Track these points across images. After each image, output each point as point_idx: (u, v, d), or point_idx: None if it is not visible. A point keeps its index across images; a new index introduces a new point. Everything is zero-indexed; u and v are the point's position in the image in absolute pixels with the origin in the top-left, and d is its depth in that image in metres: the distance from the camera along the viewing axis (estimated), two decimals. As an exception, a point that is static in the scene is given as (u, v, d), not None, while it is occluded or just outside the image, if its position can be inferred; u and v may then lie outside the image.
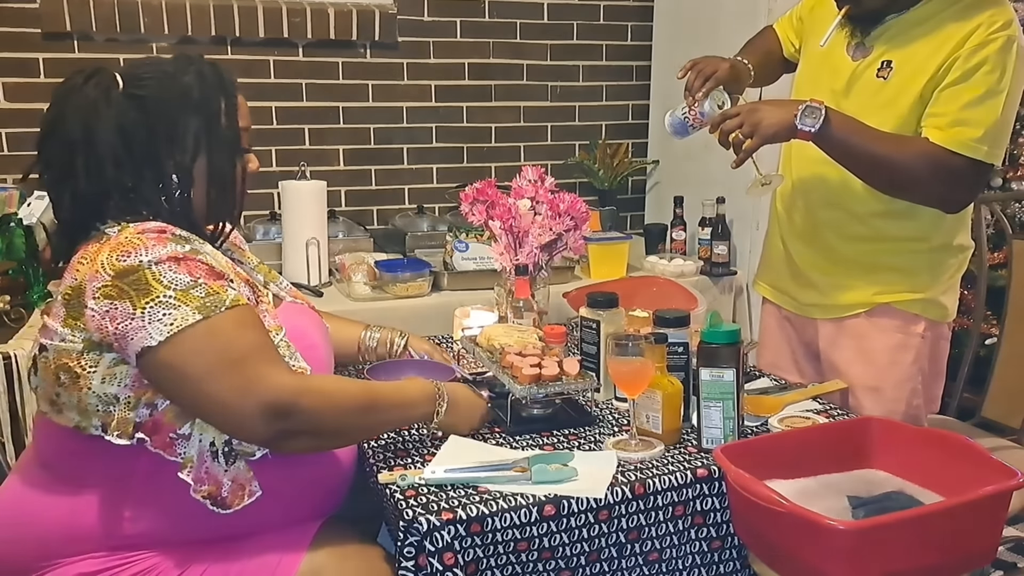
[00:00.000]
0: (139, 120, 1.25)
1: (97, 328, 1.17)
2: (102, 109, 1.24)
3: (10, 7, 2.64)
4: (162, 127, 1.26)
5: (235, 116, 1.32)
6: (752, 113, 1.61)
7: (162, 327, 1.14)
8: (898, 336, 1.77)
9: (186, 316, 1.14)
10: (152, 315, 1.14)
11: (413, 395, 1.39)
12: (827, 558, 1.15)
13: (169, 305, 1.14)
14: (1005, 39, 1.57)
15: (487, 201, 1.94)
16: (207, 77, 1.30)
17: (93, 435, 1.20)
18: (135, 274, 1.15)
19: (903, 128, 1.66)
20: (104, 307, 1.15)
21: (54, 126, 1.26)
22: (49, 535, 1.24)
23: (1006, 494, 1.22)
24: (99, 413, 1.20)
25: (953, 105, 1.59)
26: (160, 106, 1.26)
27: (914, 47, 1.64)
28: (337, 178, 3.00)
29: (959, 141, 1.59)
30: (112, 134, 1.23)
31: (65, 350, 1.20)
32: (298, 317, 1.44)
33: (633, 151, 3.37)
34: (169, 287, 1.15)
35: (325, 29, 2.90)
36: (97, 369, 1.19)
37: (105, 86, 1.26)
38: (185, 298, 1.15)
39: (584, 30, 3.31)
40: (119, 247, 1.17)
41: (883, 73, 1.67)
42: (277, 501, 1.28)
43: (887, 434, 1.42)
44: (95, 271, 1.17)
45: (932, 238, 1.74)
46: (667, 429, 1.47)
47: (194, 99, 1.28)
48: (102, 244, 1.21)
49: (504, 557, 1.26)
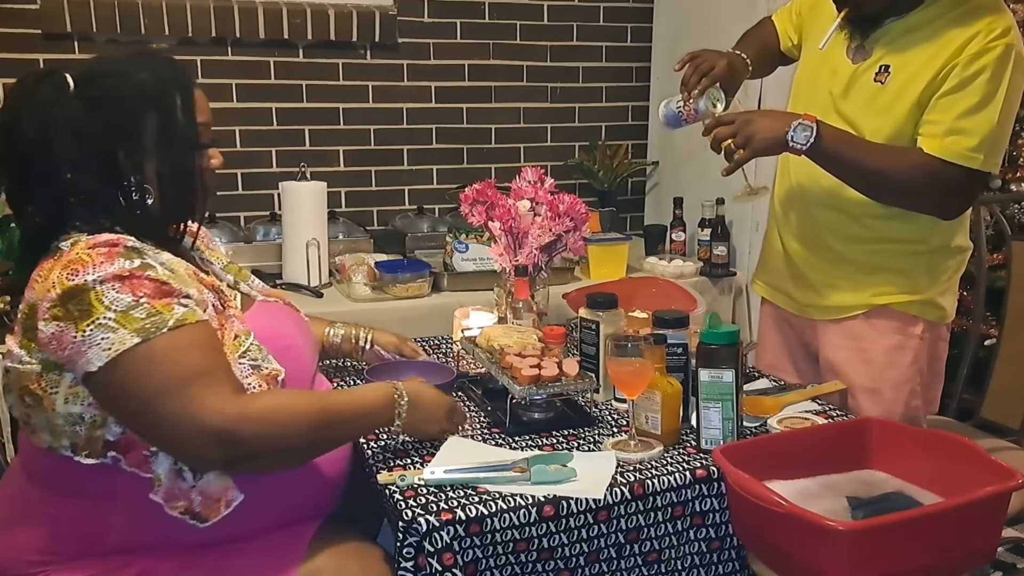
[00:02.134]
0: (94, 120, 1.21)
1: (49, 350, 1.15)
2: (55, 112, 1.20)
3: (10, 7, 2.64)
4: (117, 126, 1.22)
5: (192, 111, 1.27)
6: (746, 125, 1.61)
7: (100, 352, 1.10)
8: (896, 337, 1.77)
9: (124, 339, 1.10)
10: (92, 339, 1.10)
11: (369, 401, 1.32)
12: (826, 559, 1.16)
13: (108, 328, 1.10)
14: (1003, 47, 1.56)
15: (487, 202, 1.94)
16: (162, 73, 1.26)
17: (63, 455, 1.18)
18: (80, 294, 1.12)
19: (900, 133, 1.66)
20: (52, 329, 1.13)
21: (7, 132, 1.22)
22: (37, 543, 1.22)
23: (1005, 495, 1.22)
24: (67, 433, 1.18)
25: (950, 113, 1.59)
26: (114, 105, 1.22)
27: (912, 52, 1.64)
28: (337, 179, 3.00)
29: (954, 151, 1.60)
30: (67, 136, 1.19)
31: (25, 373, 1.18)
32: (271, 317, 1.40)
33: (633, 152, 3.38)
34: (110, 308, 1.11)
35: (325, 30, 2.90)
36: (59, 390, 1.17)
37: (58, 87, 1.22)
38: (125, 320, 1.11)
39: (584, 31, 3.31)
40: (69, 265, 1.14)
41: (880, 77, 1.67)
42: (269, 504, 1.27)
43: (886, 435, 1.42)
44: (47, 290, 1.14)
45: (930, 239, 1.74)
46: (666, 430, 1.47)
47: (149, 96, 1.24)
48: (56, 260, 1.17)
49: (503, 558, 1.26)
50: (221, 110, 2.85)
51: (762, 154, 1.65)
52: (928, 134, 1.62)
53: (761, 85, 2.75)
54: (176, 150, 1.26)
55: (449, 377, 1.67)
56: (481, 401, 1.67)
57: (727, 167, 1.65)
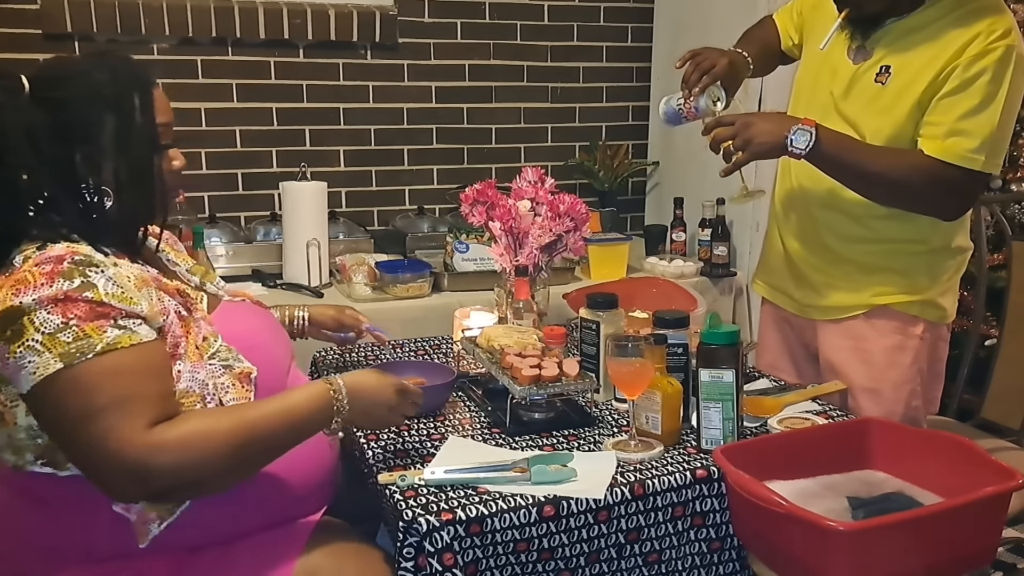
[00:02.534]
0: (49, 123, 1.18)
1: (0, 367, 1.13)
2: (8, 115, 1.17)
3: (10, 8, 2.64)
4: (74, 128, 1.19)
5: (151, 111, 1.24)
6: (746, 127, 1.62)
7: (28, 375, 1.09)
8: (897, 338, 1.77)
9: (48, 364, 1.08)
10: (20, 361, 1.08)
11: (301, 405, 1.23)
12: (827, 559, 1.16)
13: (35, 351, 1.08)
14: (1004, 49, 1.56)
15: (487, 202, 1.95)
16: (120, 73, 1.24)
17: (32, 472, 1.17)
18: (16, 316, 1.09)
19: (900, 134, 1.66)
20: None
21: None
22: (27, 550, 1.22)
23: (1005, 495, 1.22)
24: (30, 447, 1.17)
25: (950, 115, 1.59)
26: (70, 106, 1.20)
27: (913, 53, 1.64)
28: (338, 179, 3.00)
29: (955, 153, 1.60)
30: (21, 141, 1.17)
31: None
32: (237, 318, 1.38)
33: (633, 152, 3.38)
34: (39, 330, 1.08)
35: (326, 30, 2.91)
36: (19, 403, 1.15)
37: (11, 89, 1.19)
38: (51, 343, 1.08)
39: (584, 31, 3.31)
40: (15, 284, 1.11)
41: (881, 78, 1.67)
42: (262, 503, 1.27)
43: (887, 435, 1.42)
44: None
45: (930, 240, 1.74)
46: (666, 430, 1.47)
47: (106, 96, 1.21)
48: (7, 277, 1.13)
49: (504, 558, 1.26)
50: (221, 110, 2.85)
51: (761, 157, 1.66)
52: (928, 135, 1.62)
53: (762, 85, 2.75)
54: (134, 151, 1.22)
55: (449, 377, 1.67)
56: (481, 401, 1.67)
57: (725, 168, 1.66)
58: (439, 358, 1.94)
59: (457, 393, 1.72)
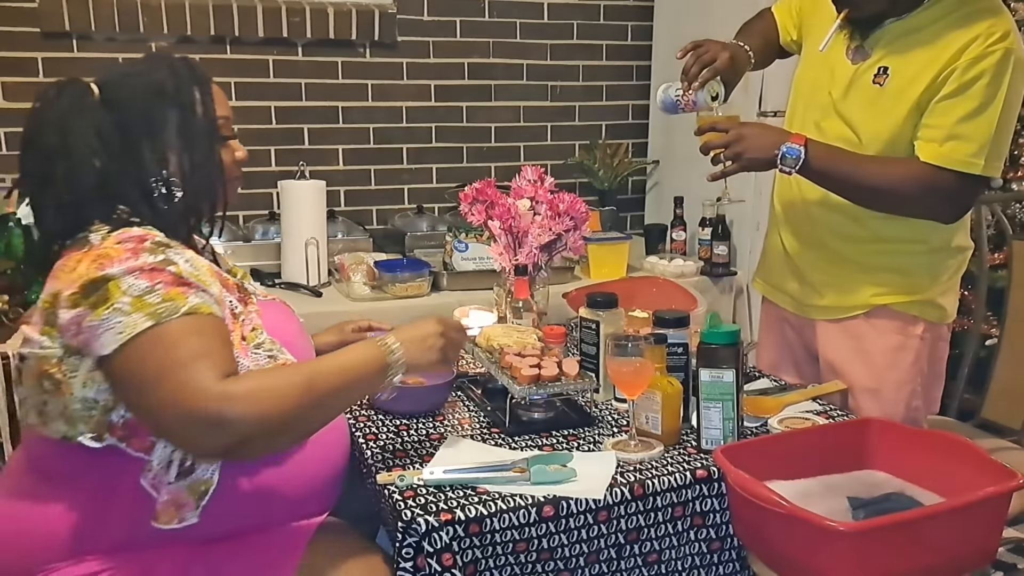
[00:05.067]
0: (115, 122, 1.25)
1: (68, 336, 1.17)
2: (77, 116, 1.24)
3: (9, 6, 2.63)
4: (139, 125, 1.26)
5: (211, 105, 1.31)
6: (738, 140, 1.64)
7: (114, 335, 1.12)
8: (897, 338, 1.77)
9: (136, 323, 1.12)
10: (107, 323, 1.13)
11: (358, 358, 1.27)
12: (827, 559, 1.15)
13: (123, 312, 1.13)
14: (1003, 51, 1.56)
15: (487, 201, 1.94)
16: (179, 71, 1.31)
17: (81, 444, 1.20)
18: (101, 283, 1.15)
19: (898, 136, 1.65)
20: (71, 316, 1.16)
21: (31, 138, 1.26)
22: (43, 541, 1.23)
23: (1006, 495, 1.22)
24: (83, 419, 1.20)
25: (948, 118, 1.59)
26: (135, 105, 1.27)
27: (912, 54, 1.63)
28: (336, 178, 3.00)
29: (954, 158, 1.59)
30: (90, 139, 1.24)
31: (45, 357, 1.20)
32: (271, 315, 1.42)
33: (633, 151, 3.37)
34: (126, 293, 1.14)
35: (324, 29, 2.90)
36: (78, 374, 1.19)
37: (79, 95, 1.27)
38: (139, 304, 1.13)
39: (584, 30, 3.31)
40: (97, 258, 1.17)
41: (879, 79, 1.66)
42: (268, 501, 1.28)
43: (887, 435, 1.42)
44: (71, 280, 1.17)
45: (930, 239, 1.74)
46: (666, 430, 1.47)
47: (168, 93, 1.28)
48: (84, 253, 1.20)
49: (503, 558, 1.26)
50: (220, 109, 2.85)
51: (750, 170, 1.69)
52: (926, 138, 1.62)
53: (762, 83, 2.75)
54: (197, 143, 1.29)
55: (448, 377, 1.67)
56: (481, 401, 1.67)
57: (712, 173, 1.70)
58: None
59: (456, 393, 1.71)
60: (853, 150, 1.68)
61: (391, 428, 1.55)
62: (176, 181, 1.28)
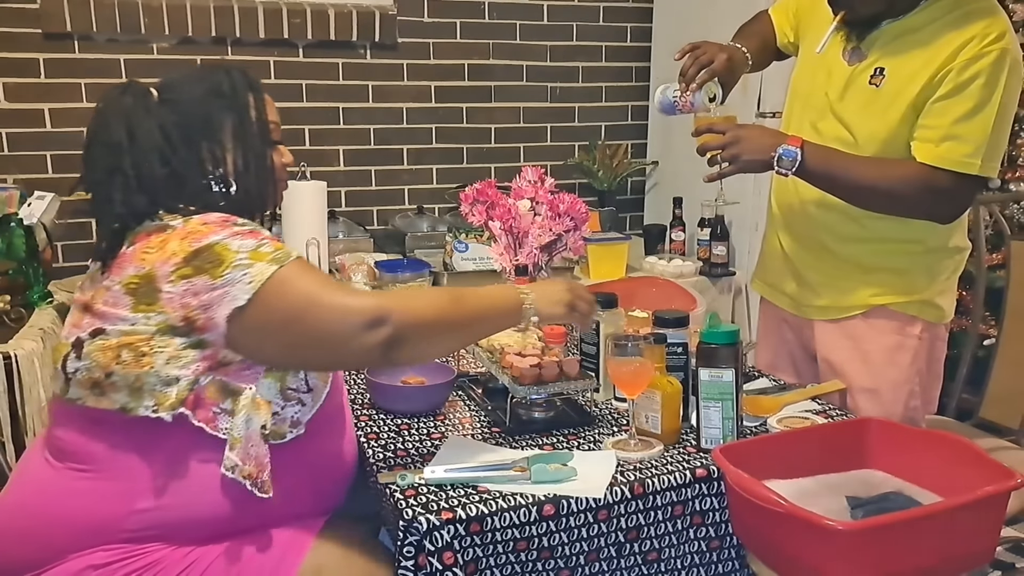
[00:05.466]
0: (177, 121, 1.32)
1: (180, 307, 1.20)
2: (142, 114, 1.31)
3: (10, 7, 2.64)
4: (197, 126, 1.33)
5: (264, 110, 1.38)
6: (735, 142, 1.65)
7: (245, 286, 1.19)
8: (895, 338, 1.77)
9: (263, 271, 1.20)
10: (232, 278, 1.19)
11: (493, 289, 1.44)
12: (826, 558, 1.16)
13: (244, 266, 1.20)
14: (999, 52, 1.56)
15: (487, 202, 1.94)
16: (234, 77, 1.38)
17: (138, 416, 1.22)
18: (206, 251, 1.21)
19: (895, 137, 1.66)
20: (182, 287, 1.20)
21: (97, 132, 1.31)
22: (67, 527, 1.24)
23: (1004, 494, 1.22)
24: (154, 392, 1.22)
25: (945, 119, 1.59)
26: (195, 106, 1.34)
27: (908, 55, 1.64)
28: (337, 179, 3.00)
29: (951, 159, 1.60)
30: (155, 133, 1.30)
31: (134, 332, 1.22)
32: None
33: (632, 152, 3.38)
34: (240, 251, 1.21)
35: (325, 30, 2.91)
36: (165, 351, 1.22)
37: (141, 95, 1.33)
38: (257, 256, 1.21)
39: (584, 31, 3.31)
40: (189, 235, 1.23)
41: (876, 80, 1.67)
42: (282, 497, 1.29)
43: (886, 435, 1.42)
44: (166, 258, 1.22)
45: (928, 240, 1.74)
46: (666, 429, 1.47)
47: (225, 96, 1.35)
48: (168, 234, 1.25)
49: (503, 557, 1.26)
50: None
51: (746, 172, 1.69)
52: (923, 139, 1.63)
53: (760, 84, 2.75)
54: (251, 144, 1.36)
55: (449, 376, 1.67)
56: (481, 400, 1.67)
57: (708, 175, 1.71)
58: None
59: (457, 392, 1.72)
60: (849, 151, 1.69)
61: (392, 427, 1.55)
62: (231, 180, 1.35)
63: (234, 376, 1.24)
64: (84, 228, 2.77)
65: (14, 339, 2.09)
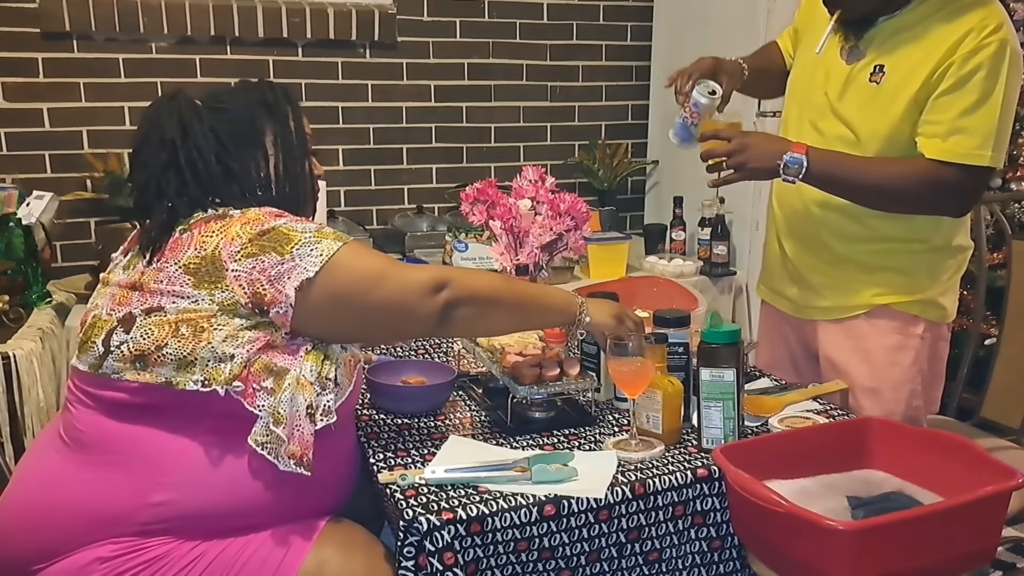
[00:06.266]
0: (225, 125, 1.39)
1: (247, 283, 1.26)
2: (194, 117, 1.37)
3: (9, 7, 2.64)
4: (245, 130, 1.41)
5: (302, 121, 1.46)
6: (740, 151, 1.65)
7: (314, 259, 1.27)
8: (897, 337, 1.77)
9: (330, 246, 1.29)
10: (300, 254, 1.27)
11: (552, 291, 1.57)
12: (826, 558, 1.16)
13: (312, 243, 1.28)
14: (998, 43, 1.56)
15: (488, 201, 1.95)
16: (274, 89, 1.46)
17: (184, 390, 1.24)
18: (271, 232, 1.29)
19: (897, 133, 1.66)
20: (250, 264, 1.26)
21: (150, 132, 1.37)
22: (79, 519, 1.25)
23: (1005, 494, 1.22)
24: (206, 367, 1.25)
25: (949, 113, 1.59)
26: (240, 113, 1.41)
27: (906, 51, 1.64)
28: (337, 178, 3.00)
29: (959, 152, 1.60)
30: (207, 133, 1.37)
31: (195, 309, 1.27)
32: None
33: (633, 151, 3.38)
34: (305, 231, 1.30)
35: (324, 29, 2.91)
36: (224, 329, 1.26)
37: (189, 102, 1.40)
38: (321, 235, 1.30)
39: (584, 30, 3.31)
40: (250, 221, 1.30)
41: (876, 78, 1.67)
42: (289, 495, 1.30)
43: (886, 434, 1.42)
44: (230, 239, 1.28)
45: (930, 239, 1.74)
46: (667, 429, 1.47)
47: (267, 106, 1.43)
48: (228, 220, 1.31)
49: (504, 557, 1.26)
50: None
51: (752, 179, 1.70)
52: (929, 134, 1.62)
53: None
54: (292, 152, 1.44)
55: (450, 376, 1.67)
56: (482, 401, 1.67)
57: (713, 180, 1.70)
58: (439, 357, 1.93)
59: (457, 392, 1.72)
60: (851, 150, 1.69)
61: (393, 427, 1.55)
62: (272, 184, 1.42)
63: (279, 356, 1.28)
64: (83, 228, 2.77)
65: (13, 339, 2.09)
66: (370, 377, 1.64)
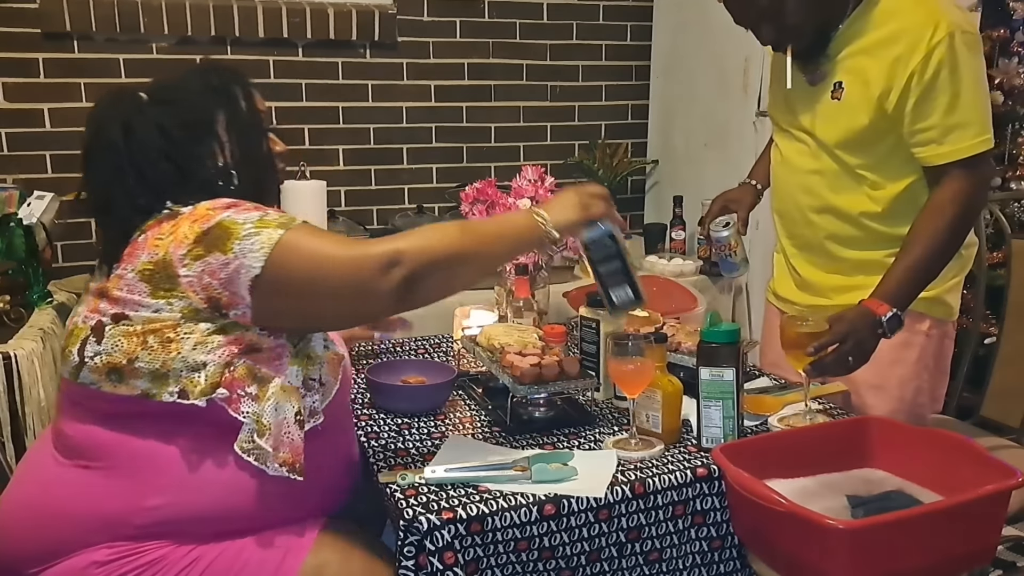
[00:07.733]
0: (172, 118, 1.33)
1: (201, 288, 1.22)
2: (137, 116, 1.32)
3: (10, 7, 2.64)
4: (194, 120, 1.34)
5: (253, 99, 1.40)
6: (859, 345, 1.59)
7: (256, 254, 1.20)
8: (903, 335, 1.76)
9: (270, 236, 1.21)
10: (242, 249, 1.20)
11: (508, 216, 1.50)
12: (826, 558, 1.16)
13: (252, 235, 1.21)
14: (946, 40, 1.58)
15: (487, 201, 1.95)
16: (220, 72, 1.41)
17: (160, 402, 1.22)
18: (214, 229, 1.22)
19: (864, 136, 1.68)
20: (198, 268, 1.21)
21: (95, 136, 1.33)
22: (74, 524, 1.25)
23: (1005, 493, 1.22)
24: (180, 378, 1.22)
25: (934, 117, 1.61)
26: (187, 103, 1.35)
27: (861, 64, 1.67)
28: (337, 178, 3.00)
29: (962, 147, 1.61)
30: (152, 131, 1.31)
31: (158, 319, 1.23)
32: None
33: (632, 151, 3.38)
34: (246, 223, 1.23)
35: (325, 29, 2.91)
36: (192, 337, 1.23)
37: (133, 99, 1.34)
38: (263, 224, 1.22)
39: (583, 30, 3.31)
40: (198, 219, 1.24)
41: (836, 95, 1.71)
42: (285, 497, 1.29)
43: (886, 433, 1.42)
44: (178, 242, 1.23)
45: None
46: (667, 428, 1.47)
47: (214, 90, 1.37)
48: (178, 220, 1.26)
49: (504, 556, 1.26)
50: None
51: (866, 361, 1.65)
52: (924, 142, 1.63)
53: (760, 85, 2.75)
54: (245, 135, 1.38)
55: (449, 376, 1.67)
56: (482, 400, 1.67)
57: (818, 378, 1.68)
58: (439, 357, 1.94)
59: (457, 392, 1.72)
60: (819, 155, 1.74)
61: (393, 427, 1.55)
62: (232, 171, 1.36)
63: (264, 363, 1.25)
64: (84, 228, 2.77)
65: (14, 339, 2.09)
66: (370, 377, 1.64)
